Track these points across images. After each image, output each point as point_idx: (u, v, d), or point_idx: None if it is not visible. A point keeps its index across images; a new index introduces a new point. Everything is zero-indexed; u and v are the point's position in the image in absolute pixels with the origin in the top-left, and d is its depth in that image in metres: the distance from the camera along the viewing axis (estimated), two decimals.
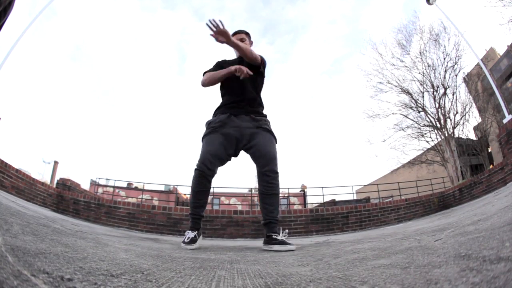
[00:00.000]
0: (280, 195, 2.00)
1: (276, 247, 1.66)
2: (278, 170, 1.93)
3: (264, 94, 2.19)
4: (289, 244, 1.67)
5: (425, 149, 16.53)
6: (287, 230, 1.85)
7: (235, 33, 2.12)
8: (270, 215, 1.85)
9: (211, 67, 2.16)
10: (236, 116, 1.99)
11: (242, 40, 2.10)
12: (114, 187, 13.13)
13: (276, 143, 2.05)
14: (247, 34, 2.20)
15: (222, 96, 2.15)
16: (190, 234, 1.85)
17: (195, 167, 1.92)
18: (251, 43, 2.21)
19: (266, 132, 1.99)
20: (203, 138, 2.01)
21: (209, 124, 2.03)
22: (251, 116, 2.00)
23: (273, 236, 1.75)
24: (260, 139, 1.94)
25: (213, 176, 1.95)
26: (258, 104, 2.10)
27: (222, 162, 1.98)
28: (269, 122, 2.09)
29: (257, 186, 1.95)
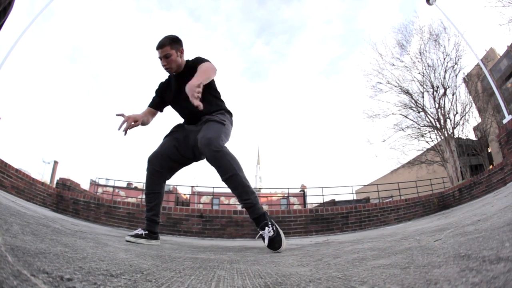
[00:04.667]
0: (280, 195, 1.93)
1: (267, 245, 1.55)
2: (222, 145, 1.65)
3: (262, 94, 2.08)
4: (279, 248, 1.51)
5: (425, 149, 16.55)
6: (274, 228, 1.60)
7: (156, 48, 1.86)
8: (243, 201, 1.64)
9: (154, 93, 2.07)
10: (189, 124, 1.99)
11: (167, 56, 1.84)
12: (113, 187, 13.13)
13: (224, 125, 1.81)
14: (171, 43, 1.86)
15: None
16: (138, 230, 1.82)
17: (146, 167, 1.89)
18: (180, 51, 1.90)
19: (208, 123, 1.80)
20: (163, 139, 2.00)
21: (173, 127, 2.04)
22: (200, 118, 1.90)
23: (262, 234, 1.58)
24: (199, 133, 1.75)
25: (163, 177, 1.89)
26: (207, 106, 1.84)
27: (176, 163, 1.92)
28: (218, 112, 1.89)
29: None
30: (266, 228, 1.57)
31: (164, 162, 1.87)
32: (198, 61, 1.86)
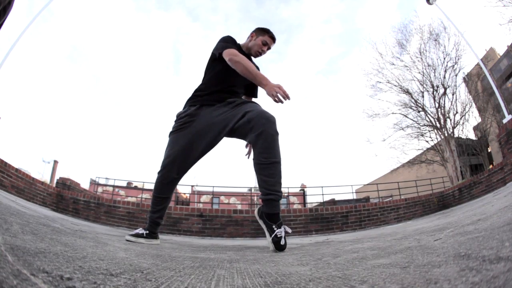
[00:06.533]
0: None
1: (273, 249, 1.48)
2: (278, 131, 1.60)
3: (261, 94, 2.05)
4: (285, 248, 1.48)
5: (424, 149, 16.55)
6: (289, 230, 1.55)
7: (272, 37, 1.92)
8: (272, 189, 1.51)
9: (228, 43, 1.80)
10: (209, 106, 1.78)
11: (270, 48, 1.95)
12: (113, 186, 13.12)
13: None
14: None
15: (205, 81, 1.87)
16: (139, 230, 1.81)
17: (158, 171, 1.79)
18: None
19: (257, 104, 1.74)
20: (170, 134, 1.82)
21: (178, 118, 1.83)
22: (227, 100, 1.77)
23: (277, 234, 1.47)
24: (246, 108, 1.66)
25: (177, 182, 1.83)
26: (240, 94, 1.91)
27: (191, 163, 1.80)
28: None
29: (253, 157, 1.62)
30: (282, 227, 1.52)
31: (181, 166, 1.76)
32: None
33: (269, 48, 1.94)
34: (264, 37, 1.90)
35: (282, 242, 1.47)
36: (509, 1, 12.02)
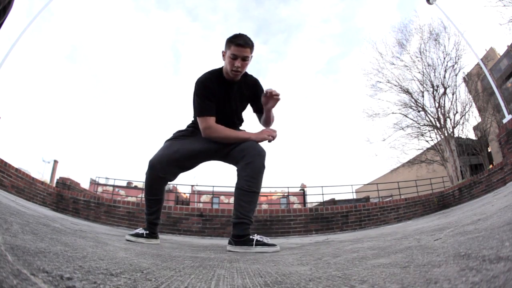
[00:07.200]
0: (280, 194, 1.90)
1: (259, 249, 1.52)
2: (265, 165, 1.70)
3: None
4: (273, 245, 1.55)
5: (424, 149, 16.56)
6: (259, 238, 1.61)
7: (238, 44, 1.60)
8: (247, 214, 1.63)
9: (204, 102, 1.69)
10: None
11: (245, 58, 1.63)
12: (113, 186, 13.14)
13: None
14: (252, 47, 1.65)
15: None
16: (139, 230, 1.83)
17: (146, 171, 1.77)
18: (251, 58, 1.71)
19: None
20: (166, 141, 1.84)
21: (177, 131, 1.89)
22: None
23: (250, 237, 1.58)
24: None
25: (166, 182, 1.82)
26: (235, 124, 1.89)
27: (179, 169, 1.80)
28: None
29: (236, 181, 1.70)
30: (253, 236, 1.62)
31: (169, 168, 1.75)
32: (261, 89, 1.84)
33: (244, 59, 1.62)
34: (230, 50, 1.61)
35: (268, 241, 1.59)
36: (509, 1, 12.02)
